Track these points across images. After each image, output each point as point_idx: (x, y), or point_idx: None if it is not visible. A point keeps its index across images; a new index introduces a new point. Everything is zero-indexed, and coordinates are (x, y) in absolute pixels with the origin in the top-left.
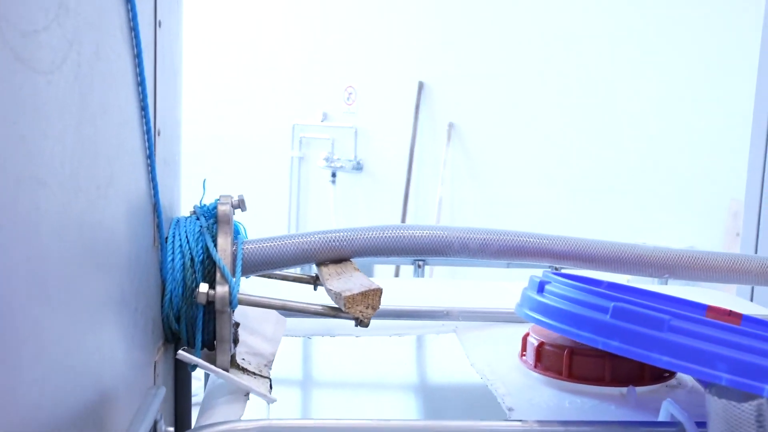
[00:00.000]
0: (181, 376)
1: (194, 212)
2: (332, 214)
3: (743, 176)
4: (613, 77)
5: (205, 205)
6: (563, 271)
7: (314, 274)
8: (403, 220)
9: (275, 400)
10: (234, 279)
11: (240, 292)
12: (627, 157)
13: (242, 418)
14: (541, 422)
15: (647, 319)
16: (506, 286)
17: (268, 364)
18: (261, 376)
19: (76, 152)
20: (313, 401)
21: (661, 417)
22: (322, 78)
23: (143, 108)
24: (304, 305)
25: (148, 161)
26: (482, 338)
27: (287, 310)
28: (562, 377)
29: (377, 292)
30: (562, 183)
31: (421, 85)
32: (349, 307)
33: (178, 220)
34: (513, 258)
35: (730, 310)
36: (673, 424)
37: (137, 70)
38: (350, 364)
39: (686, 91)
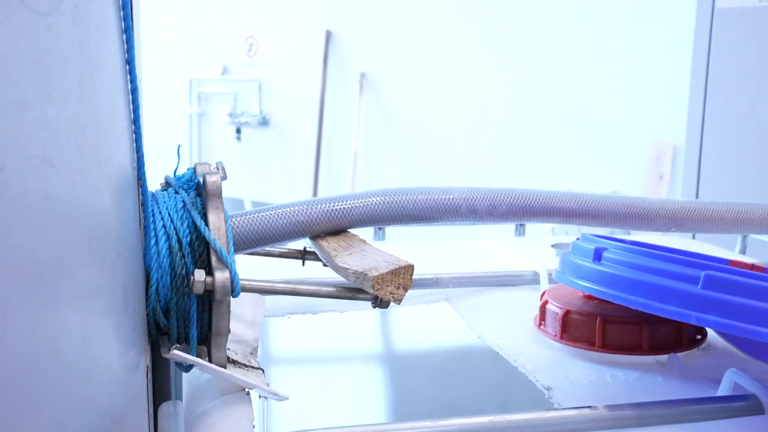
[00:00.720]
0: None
1: (167, 184)
2: (239, 173)
3: (665, 119)
4: (531, 20)
5: (181, 175)
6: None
7: (303, 249)
8: (316, 177)
9: (287, 398)
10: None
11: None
12: (547, 103)
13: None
14: (610, 407)
15: (746, 288)
16: (485, 246)
17: (254, 352)
18: (252, 367)
19: (79, 120)
20: (308, 385)
21: (723, 388)
22: (219, 29)
23: (128, 62)
24: (316, 287)
25: (133, 126)
26: (480, 306)
27: (296, 295)
28: (594, 348)
29: (408, 270)
30: (481, 132)
31: (328, 34)
32: (378, 289)
33: (153, 195)
34: (521, 219)
35: (752, 263)
36: (743, 397)
37: (121, 13)
38: (340, 342)
39: (607, 33)
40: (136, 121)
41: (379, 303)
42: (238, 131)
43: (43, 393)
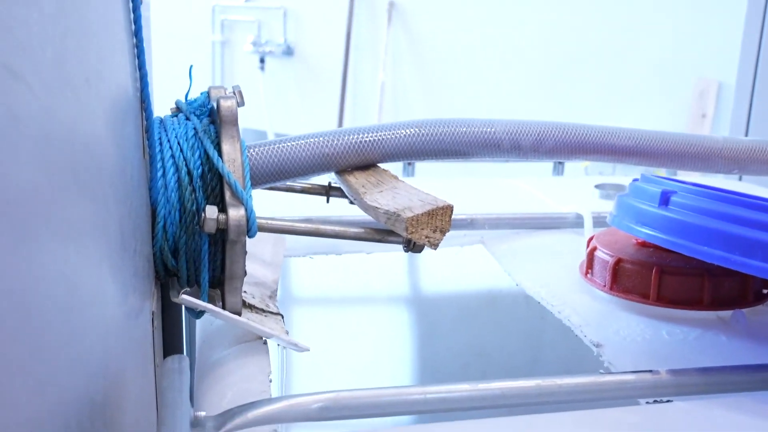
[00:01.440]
0: (167, 314)
1: (178, 110)
2: (263, 104)
3: (710, 53)
4: None
5: (193, 100)
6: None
7: (327, 184)
8: (341, 110)
9: (308, 349)
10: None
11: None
12: (584, 37)
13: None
14: (674, 372)
15: None
16: (523, 185)
17: (273, 295)
18: (270, 312)
19: (58, 26)
20: (331, 329)
21: None
22: None
23: None
24: (341, 228)
25: (135, 39)
26: (518, 250)
27: (319, 236)
28: (648, 301)
29: (447, 210)
30: (515, 67)
31: None
32: (412, 232)
33: (161, 121)
34: (568, 156)
35: None
36: None
37: None
38: (366, 285)
39: None
40: (137, 33)
41: (413, 247)
42: (262, 61)
43: (21, 349)
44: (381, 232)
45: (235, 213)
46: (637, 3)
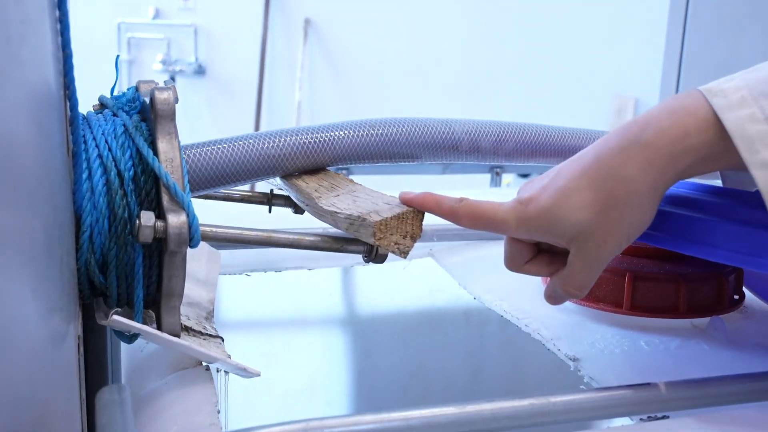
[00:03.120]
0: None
1: (102, 106)
2: None
3: (627, 71)
4: None
5: (121, 94)
6: None
7: (270, 191)
8: (257, 128)
9: (258, 374)
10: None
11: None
12: (505, 52)
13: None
14: (673, 385)
15: None
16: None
17: (209, 316)
18: (208, 335)
19: None
20: (270, 354)
21: None
22: None
23: None
24: (296, 236)
25: (57, 12)
26: (471, 262)
27: (272, 246)
28: (621, 310)
29: (418, 216)
30: (435, 83)
31: None
32: (380, 238)
33: (85, 119)
34: (527, 158)
35: None
36: None
37: None
38: (308, 303)
39: None
40: (61, 5)
41: (375, 256)
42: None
43: None
44: (340, 241)
45: (175, 219)
46: (556, 20)
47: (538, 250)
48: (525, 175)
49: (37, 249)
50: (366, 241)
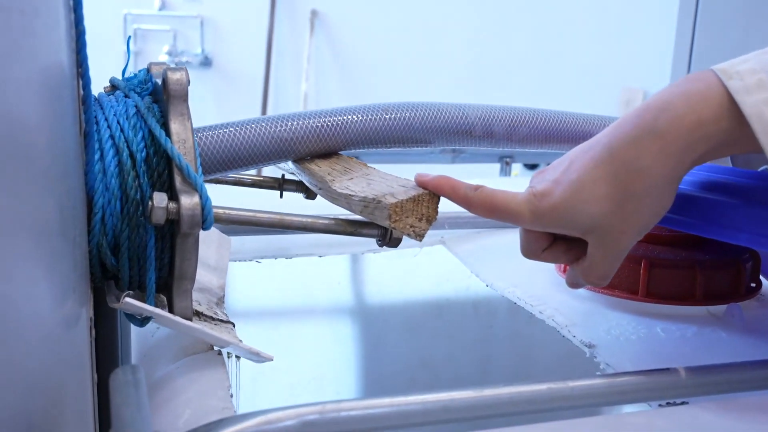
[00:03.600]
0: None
1: (114, 88)
2: None
3: (635, 63)
4: None
5: (132, 75)
6: None
7: (281, 176)
8: None
9: (271, 358)
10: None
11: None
12: (513, 45)
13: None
14: (693, 370)
15: None
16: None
17: (220, 302)
18: (219, 320)
19: None
20: (280, 341)
21: None
22: None
23: None
24: (310, 220)
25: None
26: (483, 250)
27: (285, 228)
28: (637, 297)
29: (434, 198)
30: (442, 75)
31: None
32: (396, 220)
33: (97, 99)
34: (541, 144)
35: None
36: None
37: None
38: (318, 291)
39: None
40: None
41: (389, 240)
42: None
43: None
44: (354, 224)
45: (188, 200)
46: (564, 11)
47: (554, 238)
48: (533, 166)
49: (52, 230)
50: (381, 224)
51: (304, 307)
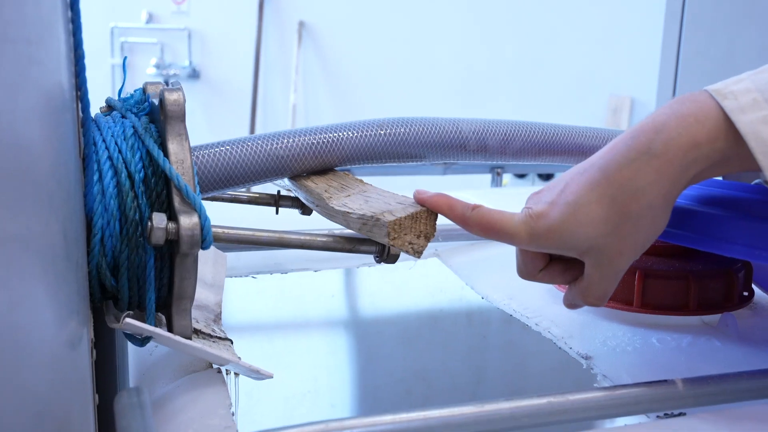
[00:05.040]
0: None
1: (110, 108)
2: None
3: (622, 70)
4: None
5: (128, 96)
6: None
7: (277, 192)
8: (252, 131)
9: (271, 376)
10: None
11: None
12: (500, 54)
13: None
14: (690, 382)
15: None
16: (465, 196)
17: (217, 319)
18: (217, 337)
19: None
20: (276, 356)
21: None
22: None
23: None
24: (307, 238)
25: (70, 13)
26: (477, 262)
27: (284, 247)
28: (632, 308)
29: (432, 216)
30: (430, 86)
31: None
32: (394, 238)
33: (95, 120)
34: (534, 157)
35: None
36: None
37: None
38: (314, 305)
39: None
40: (73, 5)
41: (387, 256)
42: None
43: None
44: (352, 241)
45: (187, 221)
46: (552, 19)
47: (550, 258)
48: (521, 176)
49: (57, 254)
50: (379, 242)
51: (299, 321)
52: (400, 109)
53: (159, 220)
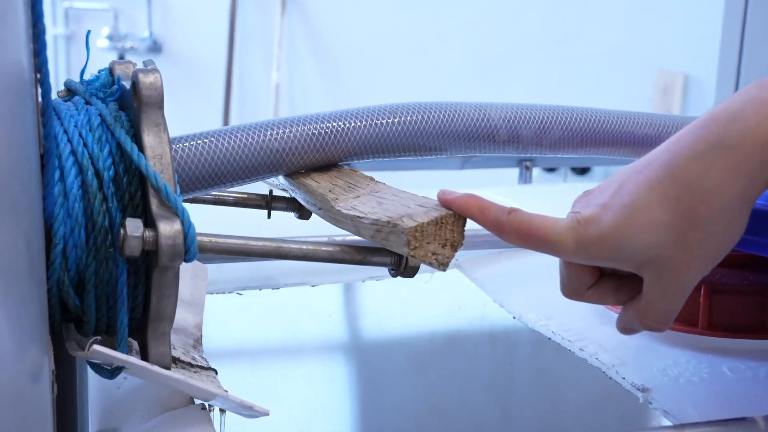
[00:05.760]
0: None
1: (70, 92)
2: None
3: (672, 43)
4: None
5: (93, 78)
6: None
7: (269, 192)
8: (226, 119)
9: (267, 413)
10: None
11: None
12: (524, 26)
13: None
14: None
15: None
16: (493, 195)
17: (197, 344)
18: (199, 366)
19: None
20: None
21: None
22: None
23: None
24: (310, 248)
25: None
26: (505, 274)
27: (280, 258)
28: (696, 329)
29: (460, 220)
30: (440, 58)
31: None
32: (415, 247)
33: (54, 107)
34: (575, 149)
35: None
36: None
37: None
38: (312, 327)
39: None
40: None
41: (404, 269)
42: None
43: None
44: (362, 251)
45: (168, 228)
46: None
47: (600, 274)
48: (551, 169)
49: (21, 268)
50: (397, 252)
51: (291, 345)
52: (403, 92)
53: (133, 227)
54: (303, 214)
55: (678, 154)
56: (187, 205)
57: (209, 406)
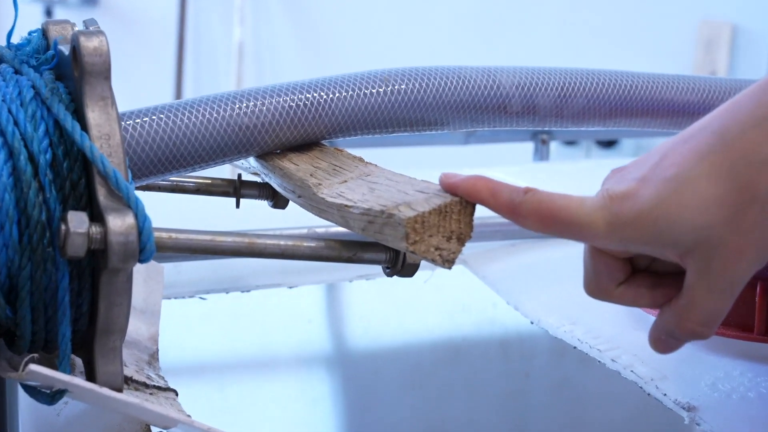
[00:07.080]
0: None
1: None
2: None
3: None
4: None
5: (23, 42)
6: None
7: (237, 177)
8: (179, 85)
9: None
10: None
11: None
12: None
13: None
14: None
15: None
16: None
17: (152, 360)
18: (155, 387)
19: None
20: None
21: None
22: None
23: None
24: (289, 243)
25: None
26: (518, 271)
27: (254, 255)
28: (752, 335)
29: (467, 208)
30: (444, 11)
31: None
32: (415, 241)
33: None
34: (603, 121)
35: None
36: None
37: None
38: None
39: None
40: None
41: (402, 267)
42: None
43: None
44: (352, 246)
45: (118, 222)
46: None
47: (632, 269)
48: (571, 143)
49: None
50: (393, 247)
51: (265, 358)
52: (397, 54)
53: (77, 221)
54: (278, 202)
55: (735, 120)
56: (140, 194)
57: None
